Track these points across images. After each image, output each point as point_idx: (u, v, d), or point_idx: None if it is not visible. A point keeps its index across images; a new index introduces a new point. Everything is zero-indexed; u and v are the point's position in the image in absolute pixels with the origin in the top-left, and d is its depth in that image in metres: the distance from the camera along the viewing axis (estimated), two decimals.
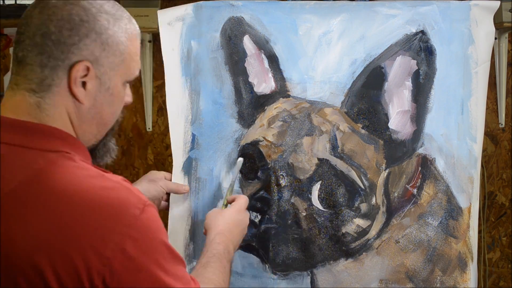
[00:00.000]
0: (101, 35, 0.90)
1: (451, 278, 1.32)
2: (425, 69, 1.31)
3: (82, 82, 0.90)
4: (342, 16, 1.36)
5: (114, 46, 0.92)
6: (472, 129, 1.33)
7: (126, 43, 0.94)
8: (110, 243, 0.81)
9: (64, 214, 0.81)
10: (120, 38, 0.93)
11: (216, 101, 1.39)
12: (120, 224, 0.82)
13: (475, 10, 1.32)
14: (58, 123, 0.90)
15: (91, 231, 0.81)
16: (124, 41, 0.93)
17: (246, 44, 1.38)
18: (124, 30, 0.94)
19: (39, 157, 0.86)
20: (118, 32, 0.92)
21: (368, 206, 1.30)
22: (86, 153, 0.94)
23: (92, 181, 0.85)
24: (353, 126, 1.31)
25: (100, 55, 0.90)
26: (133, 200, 0.85)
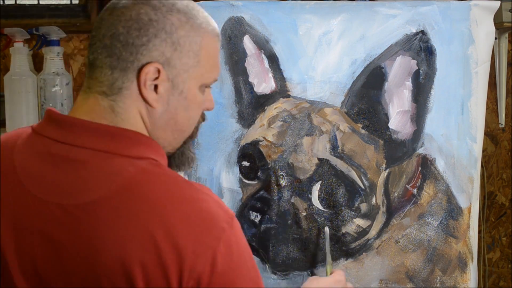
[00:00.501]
0: (172, 35, 0.85)
1: (451, 278, 1.32)
2: (425, 69, 1.31)
3: (154, 85, 0.85)
4: (342, 16, 1.36)
5: (187, 47, 0.86)
6: (472, 129, 1.33)
7: (202, 43, 0.88)
8: (202, 257, 0.78)
9: (158, 225, 0.78)
10: (194, 38, 0.87)
11: (216, 101, 1.37)
12: (212, 237, 0.79)
13: (475, 10, 1.32)
14: (134, 128, 0.86)
15: (183, 244, 0.78)
16: (199, 41, 0.87)
17: (246, 44, 1.38)
18: (199, 30, 0.88)
19: (129, 165, 0.82)
20: (192, 32, 0.87)
21: (368, 206, 1.30)
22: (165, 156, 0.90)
23: (184, 191, 0.82)
24: (353, 126, 1.31)
25: (172, 56, 0.85)
26: (223, 214, 0.82)
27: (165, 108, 0.87)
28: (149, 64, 0.84)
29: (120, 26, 0.84)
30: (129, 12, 0.85)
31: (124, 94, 0.85)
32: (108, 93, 0.85)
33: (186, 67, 0.87)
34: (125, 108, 0.86)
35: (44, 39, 1.80)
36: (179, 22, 0.86)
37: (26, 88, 1.78)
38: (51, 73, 1.76)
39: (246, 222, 1.30)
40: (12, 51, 1.79)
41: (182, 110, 0.89)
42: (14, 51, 1.79)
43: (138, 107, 0.86)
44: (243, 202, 1.35)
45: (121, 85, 0.85)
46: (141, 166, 0.83)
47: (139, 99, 0.86)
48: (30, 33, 1.80)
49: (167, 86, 0.86)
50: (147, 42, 0.84)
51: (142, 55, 0.84)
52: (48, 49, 1.77)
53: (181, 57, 0.86)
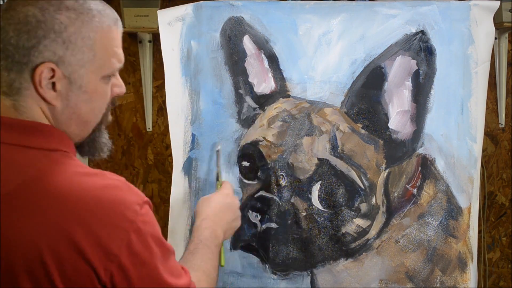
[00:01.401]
0: (62, 34, 0.87)
1: (451, 278, 1.32)
2: (425, 69, 1.31)
3: (51, 83, 0.88)
4: (342, 16, 1.36)
5: (80, 43, 0.89)
6: (472, 129, 1.33)
7: (95, 37, 0.90)
8: (117, 239, 0.82)
9: (71, 213, 0.82)
10: (86, 33, 0.89)
11: (216, 101, 1.39)
12: (125, 220, 0.84)
13: (475, 10, 1.32)
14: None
15: (98, 228, 0.82)
16: (92, 36, 0.89)
17: (246, 44, 1.38)
18: (92, 24, 0.90)
19: (42, 157, 0.86)
20: (83, 28, 0.89)
21: (368, 206, 1.30)
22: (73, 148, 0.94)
23: (95, 179, 0.86)
24: (353, 126, 1.31)
25: (64, 54, 0.88)
26: (134, 198, 0.86)
27: (65, 104, 0.90)
28: (41, 64, 0.87)
29: (10, 30, 0.87)
30: (17, 15, 0.87)
31: (24, 94, 0.88)
32: (9, 93, 0.88)
33: (81, 62, 0.89)
34: (27, 106, 0.89)
35: None
36: (68, 20, 0.88)
37: None
38: None
39: (246, 222, 1.30)
40: None
41: (84, 104, 0.92)
42: None
43: (40, 105, 0.89)
44: (243, 202, 1.34)
45: (19, 86, 0.88)
46: (54, 158, 0.87)
47: (39, 98, 0.89)
48: None
49: (64, 83, 0.89)
50: (37, 43, 0.86)
51: (34, 56, 0.87)
52: None
53: (74, 54, 0.89)
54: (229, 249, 1.36)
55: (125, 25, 2.11)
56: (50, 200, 0.83)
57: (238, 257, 1.37)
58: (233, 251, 1.35)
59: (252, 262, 1.36)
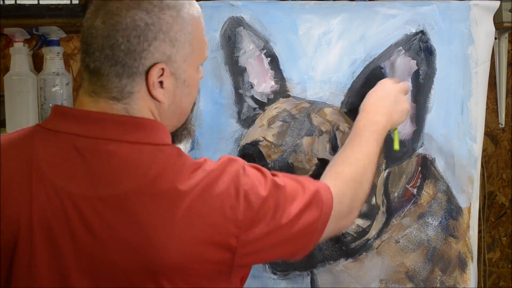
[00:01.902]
0: (169, 33, 0.88)
1: (451, 278, 1.32)
2: (425, 69, 1.31)
3: (159, 81, 0.89)
4: (342, 16, 1.36)
5: (183, 39, 0.90)
6: (472, 129, 1.33)
7: (192, 31, 0.92)
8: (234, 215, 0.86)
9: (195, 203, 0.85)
10: (186, 29, 0.91)
11: (216, 101, 1.39)
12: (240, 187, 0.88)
13: (475, 10, 1.32)
14: None
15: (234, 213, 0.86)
16: (191, 30, 0.92)
17: (246, 44, 1.38)
18: (188, 18, 0.91)
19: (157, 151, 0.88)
20: (184, 24, 0.91)
21: (368, 206, 1.30)
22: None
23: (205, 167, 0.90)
24: None
25: (172, 52, 0.89)
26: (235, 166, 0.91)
27: (171, 100, 0.92)
28: (154, 66, 0.88)
29: (119, 36, 0.86)
30: (124, 20, 0.86)
31: (136, 97, 0.89)
32: (120, 98, 0.88)
33: (184, 57, 0.91)
34: (138, 109, 0.89)
35: (44, 39, 1.79)
36: (172, 19, 0.89)
37: (26, 88, 1.78)
38: (51, 73, 1.76)
39: None
40: (12, 51, 1.79)
41: (186, 97, 0.94)
42: (14, 51, 1.79)
43: (149, 105, 0.90)
44: None
45: (131, 90, 0.88)
46: (167, 152, 0.88)
47: (149, 98, 0.90)
48: (30, 33, 1.80)
49: (171, 80, 0.91)
50: (148, 46, 0.87)
51: (146, 59, 0.87)
52: (48, 49, 1.77)
53: (179, 51, 0.90)
54: None
55: None
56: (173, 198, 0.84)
57: None
58: None
59: None
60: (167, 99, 0.91)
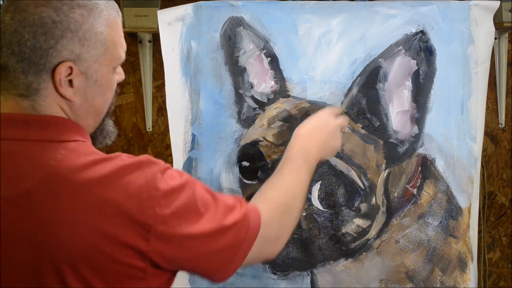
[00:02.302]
0: (77, 32, 0.88)
1: (451, 278, 1.33)
2: (425, 69, 1.31)
3: (68, 81, 0.89)
4: (342, 16, 1.36)
5: (94, 39, 0.90)
6: (472, 129, 1.33)
7: (106, 31, 0.91)
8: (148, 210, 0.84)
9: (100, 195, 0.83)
10: (98, 29, 0.90)
11: (216, 101, 1.39)
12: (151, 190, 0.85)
13: (475, 10, 1.32)
14: None
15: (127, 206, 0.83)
16: (103, 30, 0.91)
17: (246, 44, 1.38)
18: (101, 19, 0.91)
19: (61, 148, 0.86)
20: (95, 24, 0.90)
21: (368, 206, 1.30)
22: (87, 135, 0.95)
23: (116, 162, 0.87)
24: (353, 126, 1.31)
25: (80, 51, 0.88)
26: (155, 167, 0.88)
27: (83, 99, 0.92)
28: (60, 64, 0.87)
29: (26, 32, 0.85)
30: (31, 17, 0.86)
31: (43, 93, 0.88)
32: (27, 95, 0.88)
33: (95, 57, 0.90)
34: (46, 106, 0.89)
35: None
36: (82, 18, 0.88)
37: None
38: None
39: None
40: None
41: (99, 97, 0.94)
42: None
43: (58, 103, 0.90)
44: None
45: (38, 87, 0.88)
46: (71, 147, 0.87)
47: (58, 96, 0.89)
48: None
49: (81, 79, 0.90)
50: (55, 44, 0.86)
51: (52, 56, 0.87)
52: None
53: (89, 50, 0.90)
54: None
55: (125, 25, 2.11)
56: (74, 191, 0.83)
57: None
58: None
59: None
60: (78, 98, 0.91)
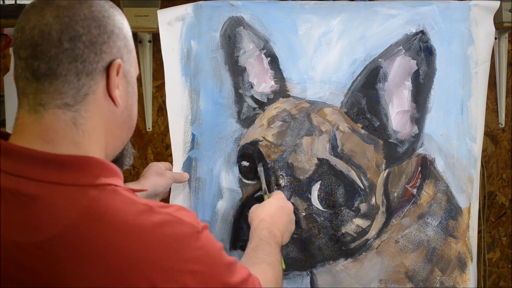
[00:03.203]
0: (122, 30, 0.84)
1: (450, 278, 1.33)
2: (425, 69, 1.31)
3: None
4: (342, 16, 1.36)
5: (130, 41, 0.87)
6: (472, 129, 1.33)
7: (131, 38, 0.88)
8: (171, 281, 0.76)
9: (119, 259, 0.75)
10: (129, 33, 0.87)
11: (216, 101, 1.39)
12: (178, 260, 0.77)
13: (475, 10, 1.32)
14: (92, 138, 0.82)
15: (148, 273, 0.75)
16: (131, 36, 0.88)
17: (246, 44, 1.38)
18: (129, 28, 0.88)
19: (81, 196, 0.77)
20: (128, 29, 0.87)
21: (367, 206, 1.30)
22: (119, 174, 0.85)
23: (143, 218, 0.78)
24: (352, 126, 1.31)
25: (124, 51, 0.84)
26: (187, 231, 0.80)
27: (124, 105, 0.86)
28: (113, 61, 0.82)
29: (79, 27, 0.79)
30: (81, 12, 0.80)
31: (90, 99, 0.81)
32: (72, 103, 0.80)
33: (131, 61, 0.87)
34: (88, 116, 0.81)
35: None
36: (121, 18, 0.86)
37: None
38: None
39: (245, 222, 1.29)
40: (12, 51, 1.79)
41: (134, 105, 0.89)
42: None
43: (101, 111, 0.83)
44: (243, 202, 1.34)
45: (88, 91, 0.80)
46: (93, 196, 0.77)
47: (104, 102, 0.82)
48: None
49: (124, 82, 0.85)
50: (108, 39, 0.81)
51: (105, 53, 0.81)
52: None
53: (128, 52, 0.86)
54: (229, 249, 1.36)
55: None
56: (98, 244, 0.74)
57: (238, 257, 1.36)
58: (232, 251, 1.35)
59: None
60: (122, 103, 0.84)
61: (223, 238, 1.36)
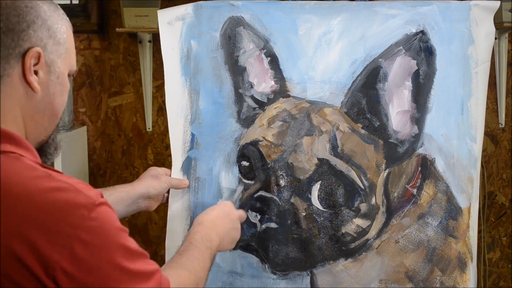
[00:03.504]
0: (47, 22, 0.89)
1: (450, 278, 1.32)
2: (425, 69, 1.31)
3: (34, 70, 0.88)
4: (342, 16, 1.36)
5: (58, 34, 0.91)
6: (472, 129, 1.33)
7: (66, 33, 0.94)
8: (57, 246, 0.78)
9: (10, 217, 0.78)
10: (61, 27, 0.93)
11: (216, 101, 1.39)
12: (67, 226, 0.79)
13: (475, 10, 1.32)
14: (8, 117, 0.87)
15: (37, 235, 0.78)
16: (64, 30, 0.93)
17: (246, 44, 1.38)
18: (63, 20, 0.94)
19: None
20: (59, 22, 0.92)
21: (367, 206, 1.30)
22: (34, 152, 0.90)
23: (39, 182, 0.81)
24: (353, 126, 1.31)
25: (48, 42, 0.89)
26: (82, 200, 0.81)
27: (45, 92, 0.90)
28: (31, 48, 0.87)
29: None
30: (3, 1, 0.86)
31: (5, 82, 0.86)
32: None
33: (58, 53, 0.91)
34: (3, 96, 0.86)
35: None
36: (49, 11, 0.91)
37: None
38: None
39: (245, 222, 1.30)
40: None
41: (59, 95, 0.93)
42: None
43: (18, 94, 0.87)
44: (243, 202, 1.34)
45: (2, 73, 0.85)
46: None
47: (20, 86, 0.87)
48: None
49: (45, 71, 0.90)
50: (27, 27, 0.87)
51: (23, 40, 0.86)
52: None
53: (54, 44, 0.91)
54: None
55: (125, 25, 2.12)
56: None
57: (238, 257, 1.37)
58: (232, 251, 1.35)
59: (251, 262, 1.36)
60: (41, 90, 0.89)
61: None
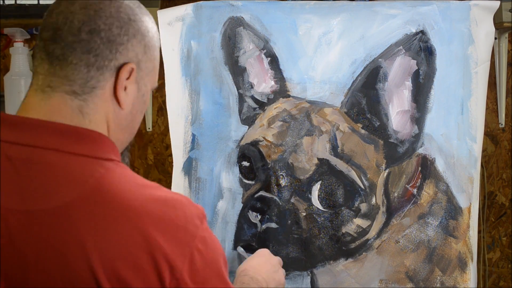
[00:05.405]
0: (145, 38, 0.86)
1: (451, 278, 1.32)
2: (425, 69, 1.31)
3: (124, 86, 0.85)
4: (342, 16, 1.36)
5: (152, 51, 0.88)
6: (472, 129, 1.33)
7: (158, 50, 0.90)
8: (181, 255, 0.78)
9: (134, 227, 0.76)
10: (156, 43, 0.89)
11: (216, 101, 1.39)
12: (188, 235, 0.79)
13: (475, 10, 1.32)
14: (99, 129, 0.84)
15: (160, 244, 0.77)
16: (157, 47, 0.90)
17: (246, 44, 1.38)
18: (158, 37, 0.90)
19: (98, 166, 0.79)
20: (155, 38, 0.89)
21: (368, 206, 1.30)
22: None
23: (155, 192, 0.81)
24: (353, 126, 1.31)
25: (142, 58, 0.86)
26: (194, 211, 0.82)
27: (129, 110, 0.87)
28: (127, 64, 0.84)
29: (101, 22, 0.81)
30: (108, 9, 0.83)
31: (97, 93, 0.83)
32: (79, 93, 0.82)
33: (147, 70, 0.88)
34: (94, 108, 0.83)
35: None
36: (150, 26, 0.88)
37: (26, 88, 1.76)
38: None
39: (246, 222, 1.30)
40: (12, 51, 1.79)
41: (140, 113, 0.91)
42: (14, 51, 1.79)
43: (107, 107, 0.84)
44: (243, 202, 1.35)
45: (96, 84, 0.82)
46: (109, 167, 0.80)
47: (110, 100, 0.84)
48: (30, 33, 1.80)
49: (134, 88, 0.86)
50: (127, 41, 0.83)
51: (121, 54, 0.83)
52: None
53: (146, 61, 0.87)
54: (231, 249, 1.36)
55: None
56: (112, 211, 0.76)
57: (238, 257, 1.37)
58: (233, 251, 1.35)
59: None
60: (127, 107, 0.86)
61: (224, 238, 1.36)
